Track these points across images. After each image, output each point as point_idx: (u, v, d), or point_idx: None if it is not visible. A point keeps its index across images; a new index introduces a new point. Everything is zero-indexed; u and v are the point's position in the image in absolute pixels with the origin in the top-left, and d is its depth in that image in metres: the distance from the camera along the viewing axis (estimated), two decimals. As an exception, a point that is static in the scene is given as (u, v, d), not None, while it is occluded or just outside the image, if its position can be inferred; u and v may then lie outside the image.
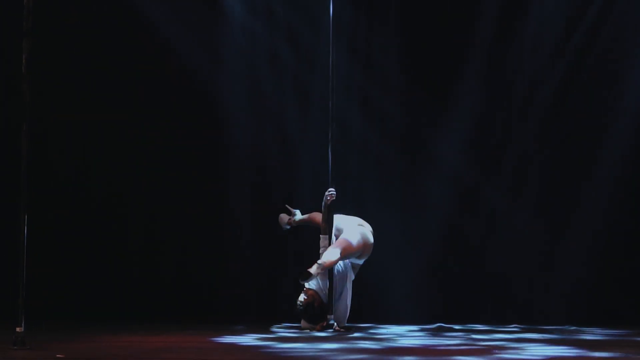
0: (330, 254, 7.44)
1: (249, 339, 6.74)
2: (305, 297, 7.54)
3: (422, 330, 7.88)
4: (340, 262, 7.65)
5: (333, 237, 7.67)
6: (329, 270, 7.53)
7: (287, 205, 8.20)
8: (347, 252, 7.55)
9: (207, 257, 8.97)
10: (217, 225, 9.04)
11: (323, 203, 7.69)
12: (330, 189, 7.69)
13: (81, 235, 8.96)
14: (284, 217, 8.21)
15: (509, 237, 8.99)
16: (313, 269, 7.32)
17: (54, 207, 8.88)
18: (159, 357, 5.59)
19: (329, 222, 7.70)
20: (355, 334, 7.31)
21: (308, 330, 7.50)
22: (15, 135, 6.22)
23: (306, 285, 7.59)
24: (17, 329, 5.73)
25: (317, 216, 7.88)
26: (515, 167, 9.04)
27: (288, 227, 8.23)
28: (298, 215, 8.18)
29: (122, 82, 9.01)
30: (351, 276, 7.74)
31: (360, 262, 7.79)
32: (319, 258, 7.53)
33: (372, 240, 7.76)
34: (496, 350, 5.82)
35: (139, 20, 9.02)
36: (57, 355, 5.31)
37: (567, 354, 5.76)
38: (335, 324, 7.49)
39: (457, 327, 8.12)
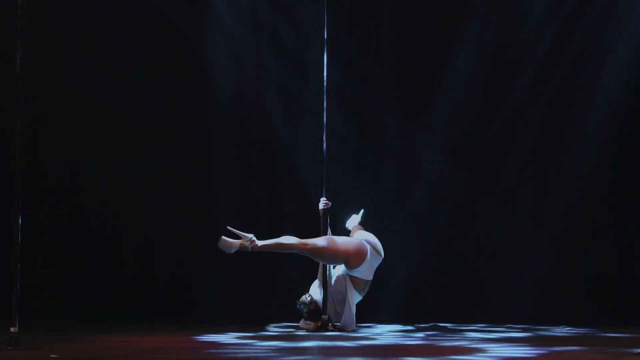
0: (281, 238, 7.52)
1: (229, 338, 6.79)
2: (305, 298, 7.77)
3: (416, 329, 7.91)
4: (337, 272, 7.70)
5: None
6: (324, 279, 7.65)
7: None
8: (312, 249, 7.49)
9: (205, 257, 8.88)
10: (216, 225, 8.84)
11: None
12: (323, 199, 7.82)
13: (79, 236, 8.98)
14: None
15: (506, 237, 9.17)
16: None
17: (52, 208, 8.99)
18: (157, 357, 5.62)
19: (324, 231, 7.77)
20: (337, 334, 7.40)
21: (305, 330, 7.64)
22: (12, 135, 6.15)
23: (311, 292, 7.76)
24: (11, 329, 5.79)
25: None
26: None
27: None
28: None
29: (119, 82, 9.01)
30: (353, 294, 7.65)
31: (359, 275, 7.66)
32: (318, 265, 7.76)
33: (365, 252, 7.65)
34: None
35: (137, 19, 9.07)
36: (51, 355, 5.38)
37: (526, 354, 5.79)
38: (330, 324, 7.65)
39: (450, 326, 8.23)
